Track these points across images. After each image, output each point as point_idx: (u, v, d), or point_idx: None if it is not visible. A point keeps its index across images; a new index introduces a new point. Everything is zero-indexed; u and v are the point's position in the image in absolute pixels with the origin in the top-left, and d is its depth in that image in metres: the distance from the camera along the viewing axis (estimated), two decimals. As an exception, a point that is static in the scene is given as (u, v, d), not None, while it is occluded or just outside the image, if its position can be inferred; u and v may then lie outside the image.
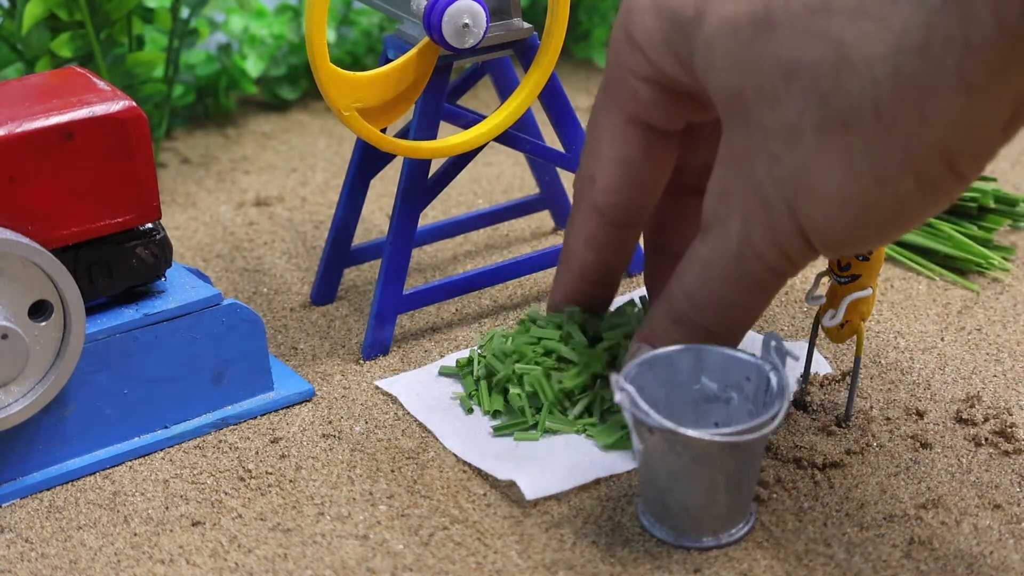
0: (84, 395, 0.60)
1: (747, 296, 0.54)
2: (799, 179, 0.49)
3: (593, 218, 0.59)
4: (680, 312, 0.55)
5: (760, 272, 0.52)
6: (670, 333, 0.55)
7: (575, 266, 0.61)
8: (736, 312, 0.54)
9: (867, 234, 0.50)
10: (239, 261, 0.80)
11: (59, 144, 0.57)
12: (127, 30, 0.87)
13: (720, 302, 0.54)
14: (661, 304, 0.56)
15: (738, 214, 0.51)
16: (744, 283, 0.53)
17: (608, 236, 0.60)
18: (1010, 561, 0.53)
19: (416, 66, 0.65)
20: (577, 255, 0.61)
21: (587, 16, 1.09)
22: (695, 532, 0.54)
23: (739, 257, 0.52)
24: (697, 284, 0.54)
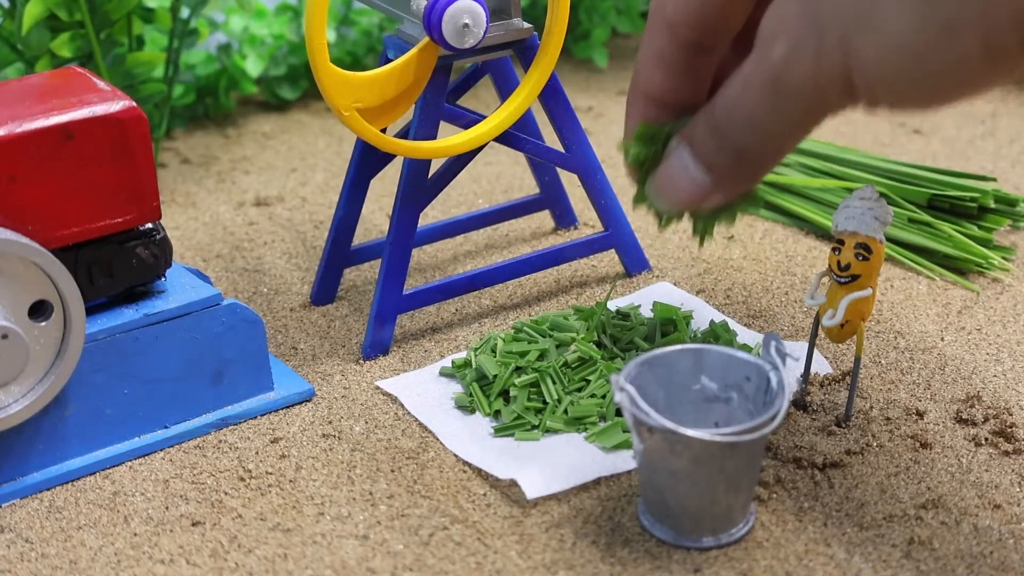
0: (84, 395, 0.60)
1: (779, 124, 0.51)
2: (864, 13, 0.46)
3: (663, 34, 0.55)
4: (717, 123, 0.52)
5: (793, 104, 0.50)
6: (705, 138, 0.53)
7: (641, 85, 0.57)
8: (766, 138, 0.52)
9: (916, 89, 0.47)
10: (239, 261, 0.80)
11: (59, 144, 0.57)
12: (127, 30, 0.87)
13: (753, 123, 0.51)
14: (707, 108, 0.53)
15: (786, 37, 0.48)
16: (777, 110, 0.50)
17: (678, 57, 0.55)
18: (1010, 561, 0.53)
19: (416, 66, 0.65)
20: (644, 74, 0.57)
21: (587, 16, 1.09)
22: (695, 532, 0.54)
23: (775, 83, 0.49)
24: (735, 99, 0.51)
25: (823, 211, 0.81)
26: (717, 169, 0.53)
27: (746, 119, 0.51)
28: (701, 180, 0.54)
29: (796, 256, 0.78)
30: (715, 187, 0.54)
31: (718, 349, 0.56)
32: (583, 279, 0.76)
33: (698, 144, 0.53)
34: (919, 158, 0.90)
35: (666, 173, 0.55)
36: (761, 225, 0.82)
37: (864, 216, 0.58)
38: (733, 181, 0.54)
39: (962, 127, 0.96)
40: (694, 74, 0.56)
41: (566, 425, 0.62)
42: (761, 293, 0.74)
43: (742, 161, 0.53)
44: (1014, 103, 1.00)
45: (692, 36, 0.55)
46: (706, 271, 0.76)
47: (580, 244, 0.74)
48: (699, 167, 0.54)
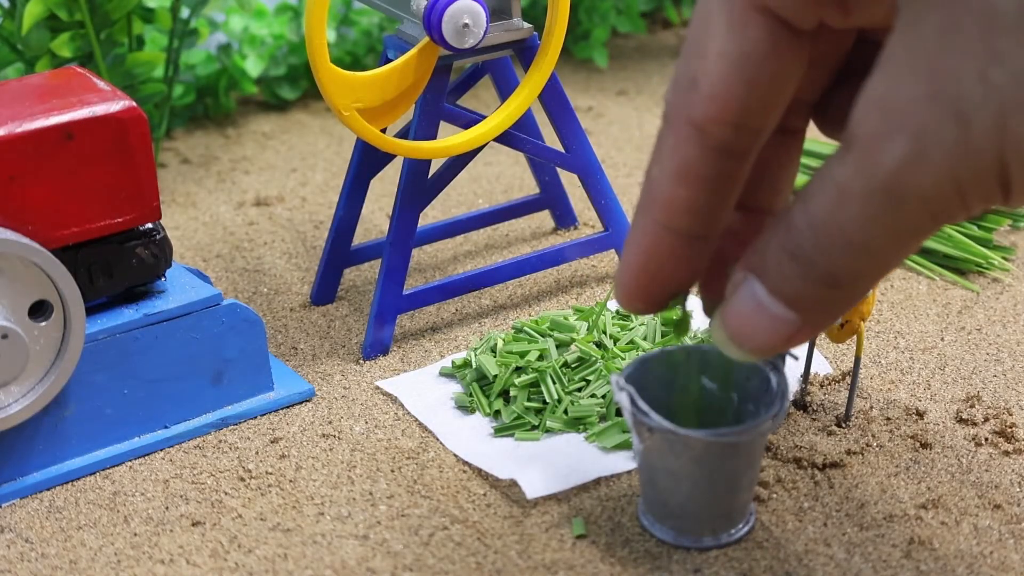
0: (84, 395, 0.60)
1: (891, 242, 0.40)
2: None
3: (691, 139, 0.43)
4: (800, 246, 0.41)
5: (917, 215, 0.39)
6: (783, 267, 0.42)
7: (660, 206, 0.44)
8: (871, 258, 0.41)
9: None
10: (239, 261, 0.80)
11: (59, 144, 0.57)
12: (127, 30, 0.87)
13: (853, 244, 0.40)
14: (778, 231, 0.42)
15: (908, 132, 0.38)
16: (890, 225, 0.39)
17: (710, 166, 0.43)
18: (1010, 561, 0.53)
19: (416, 66, 0.65)
20: (664, 191, 0.44)
21: (587, 16, 1.09)
22: (695, 532, 0.54)
23: (890, 192, 0.39)
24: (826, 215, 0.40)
25: (823, 211, 0.81)
26: (803, 302, 0.42)
27: (845, 239, 0.40)
28: (784, 317, 0.43)
29: (796, 256, 0.78)
30: (803, 323, 0.43)
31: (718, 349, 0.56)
32: (583, 279, 0.76)
33: (773, 275, 0.42)
34: (919, 158, 0.90)
35: (737, 316, 0.44)
36: (761, 225, 0.82)
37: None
38: (824, 314, 0.43)
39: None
40: (725, 189, 0.44)
41: (566, 425, 0.62)
42: (761, 293, 0.74)
43: (837, 288, 0.42)
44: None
45: (728, 137, 0.43)
46: (706, 271, 0.76)
47: (580, 244, 0.74)
48: (778, 302, 0.43)
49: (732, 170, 0.43)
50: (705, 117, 0.42)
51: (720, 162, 0.43)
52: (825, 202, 0.40)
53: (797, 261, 0.42)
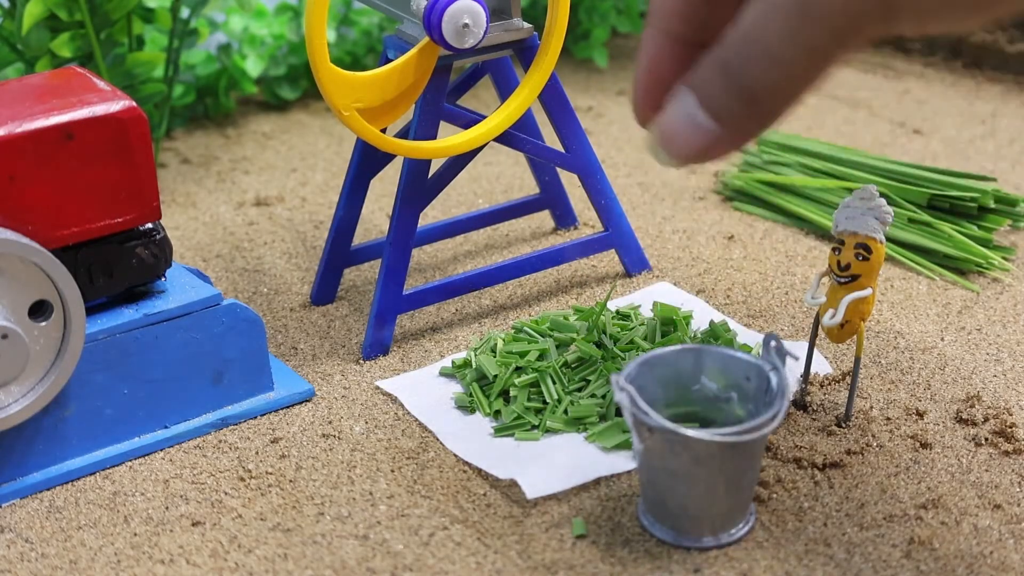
0: (84, 395, 0.60)
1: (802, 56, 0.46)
2: None
3: None
4: (729, 61, 0.47)
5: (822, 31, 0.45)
6: (714, 81, 0.48)
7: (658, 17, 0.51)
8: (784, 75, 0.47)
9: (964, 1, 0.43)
10: (239, 261, 0.80)
11: (59, 144, 0.57)
12: (127, 30, 0.87)
13: (771, 56, 0.46)
14: (714, 49, 0.48)
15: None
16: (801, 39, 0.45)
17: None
18: (1010, 561, 0.53)
19: (416, 66, 0.65)
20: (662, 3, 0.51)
21: (587, 16, 1.09)
22: (695, 532, 0.54)
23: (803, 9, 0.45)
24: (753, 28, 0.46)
25: (823, 211, 0.81)
26: (726, 115, 0.48)
27: (765, 52, 0.46)
28: (708, 127, 0.48)
29: (796, 256, 0.78)
30: (724, 135, 0.48)
31: (718, 349, 0.56)
32: (583, 279, 0.76)
33: (704, 88, 0.48)
34: (919, 158, 0.90)
35: (669, 124, 0.49)
36: (761, 225, 0.82)
37: (864, 216, 0.58)
38: (744, 127, 0.48)
39: (962, 127, 0.96)
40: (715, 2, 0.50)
41: (566, 425, 0.62)
42: (761, 293, 0.74)
43: (755, 103, 0.48)
44: (1014, 103, 1.00)
45: None
46: (706, 271, 0.76)
47: (580, 244, 0.74)
48: (705, 114, 0.48)
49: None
50: None
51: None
52: (753, 16, 0.46)
53: (725, 74, 0.47)
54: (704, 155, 0.49)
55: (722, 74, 0.47)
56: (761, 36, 0.46)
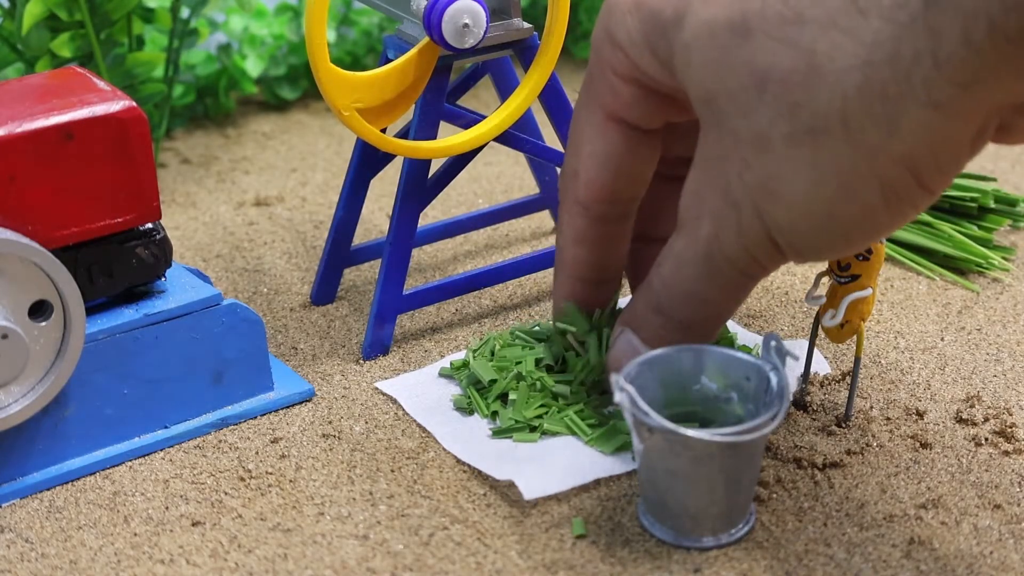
0: (84, 395, 0.60)
1: (719, 293, 0.54)
2: (767, 185, 0.50)
3: (579, 214, 0.59)
4: (659, 302, 0.55)
5: (729, 272, 0.53)
6: (650, 320, 0.56)
7: (568, 264, 0.60)
8: (709, 308, 0.55)
9: (833, 241, 0.51)
10: (239, 261, 0.80)
11: (59, 144, 0.57)
12: (127, 30, 0.87)
13: (693, 297, 0.54)
14: (643, 291, 0.56)
15: (708, 217, 0.52)
16: (715, 281, 0.53)
17: (596, 232, 0.59)
18: (1010, 561, 0.53)
19: (416, 66, 0.65)
20: (568, 253, 0.60)
21: (587, 16, 1.09)
22: (695, 532, 0.54)
23: (708, 258, 0.53)
24: (672, 277, 0.54)
25: (823, 211, 0.81)
26: (666, 344, 0.56)
27: (685, 294, 0.54)
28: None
29: (796, 256, 0.78)
30: None
31: (718, 349, 0.56)
32: (583, 279, 0.76)
33: (642, 326, 0.56)
34: (919, 158, 0.90)
35: (617, 359, 0.57)
36: (761, 225, 0.82)
37: (864, 216, 0.58)
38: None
39: (962, 127, 0.96)
40: (613, 243, 0.60)
41: (565, 429, 0.61)
42: (761, 293, 0.74)
43: (690, 331, 0.55)
44: (1014, 103, 1.00)
45: (605, 210, 0.58)
46: (706, 271, 0.76)
47: (580, 244, 0.74)
48: (647, 348, 0.56)
49: (614, 231, 0.59)
50: (585, 198, 0.58)
51: (603, 227, 0.59)
52: (670, 267, 0.54)
53: (658, 313, 0.55)
54: None
55: (655, 313, 0.55)
56: (679, 282, 0.54)
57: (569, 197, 0.59)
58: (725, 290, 0.54)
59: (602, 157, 0.57)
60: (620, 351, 0.57)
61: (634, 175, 0.58)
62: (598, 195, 0.58)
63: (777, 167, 0.49)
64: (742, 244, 0.51)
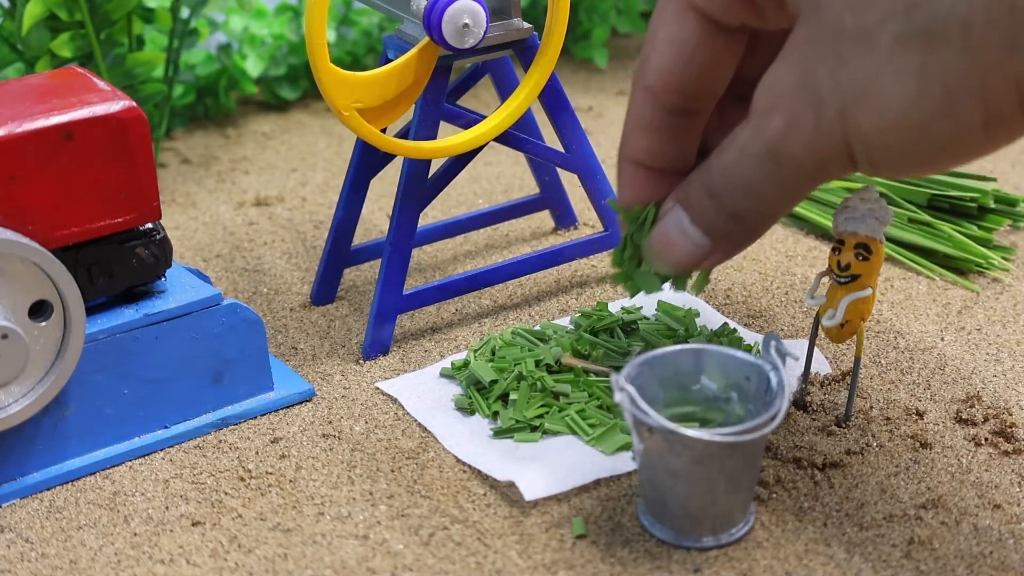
0: (84, 395, 0.60)
1: (777, 191, 0.51)
2: (862, 87, 0.47)
3: (646, 100, 0.55)
4: (715, 186, 0.53)
5: (791, 172, 0.50)
6: (703, 203, 0.53)
7: (628, 151, 0.57)
8: (763, 203, 0.52)
9: (916, 159, 0.48)
10: (239, 261, 0.80)
11: (59, 144, 0.57)
12: (127, 30, 0.87)
13: (750, 189, 0.52)
14: (701, 172, 0.54)
15: (784, 112, 0.49)
16: (774, 178, 0.51)
17: (661, 122, 0.55)
18: (1010, 561, 0.53)
19: (416, 66, 0.65)
20: (630, 138, 0.57)
21: (587, 16, 1.09)
22: (695, 532, 0.54)
23: (772, 153, 0.50)
24: (732, 166, 0.52)
25: (823, 211, 0.81)
26: (716, 231, 0.54)
27: (743, 185, 0.52)
28: (700, 242, 0.54)
29: (796, 256, 0.78)
30: (714, 248, 0.54)
31: (718, 349, 0.56)
32: (583, 279, 0.76)
33: (694, 207, 0.54)
34: (919, 158, 0.90)
35: (663, 235, 0.55)
36: (761, 225, 0.82)
37: (864, 216, 0.58)
38: (731, 243, 0.54)
39: (962, 127, 0.96)
40: (679, 138, 0.56)
41: (566, 429, 0.61)
42: (761, 293, 0.74)
43: (741, 223, 0.53)
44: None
45: (674, 101, 0.55)
46: (706, 271, 0.76)
47: (580, 244, 0.74)
48: (696, 229, 0.54)
49: (681, 125, 0.56)
50: (654, 85, 0.55)
51: (669, 119, 0.55)
52: (732, 155, 0.52)
53: (712, 197, 0.53)
54: (696, 265, 0.55)
55: (710, 197, 0.53)
56: (739, 172, 0.52)
57: (639, 82, 0.56)
58: (784, 188, 0.51)
59: (676, 44, 0.54)
60: (667, 229, 0.55)
61: (707, 71, 0.54)
62: (666, 83, 0.54)
63: (878, 69, 0.46)
64: (814, 146, 0.49)
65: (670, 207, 0.55)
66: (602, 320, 0.68)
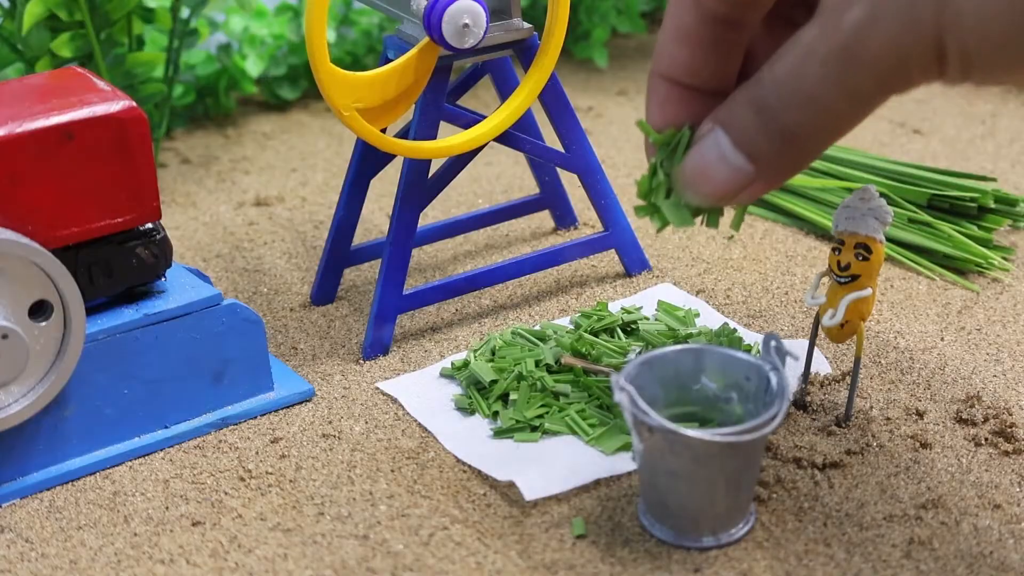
0: (84, 395, 0.60)
1: (844, 102, 0.44)
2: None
3: (687, 6, 0.49)
4: (765, 101, 0.46)
5: (866, 77, 0.43)
6: (748, 120, 0.46)
7: (662, 65, 0.50)
8: (824, 118, 0.45)
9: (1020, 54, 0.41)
10: (239, 261, 0.80)
11: (59, 144, 0.57)
12: (127, 30, 0.87)
13: (811, 100, 0.45)
14: (747, 87, 0.47)
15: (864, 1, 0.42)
16: (845, 85, 0.44)
17: (703, 31, 0.49)
18: (1010, 561, 0.53)
19: (416, 66, 0.65)
20: (665, 50, 0.50)
21: (587, 16, 1.09)
22: (695, 532, 0.54)
23: (847, 52, 0.43)
24: (791, 73, 0.45)
25: (823, 211, 0.81)
26: (761, 154, 0.46)
27: (805, 95, 0.44)
28: (742, 167, 0.47)
29: (796, 256, 0.78)
30: (758, 175, 0.47)
31: (718, 349, 0.56)
32: (583, 279, 0.76)
33: (737, 127, 0.47)
34: (919, 158, 0.90)
35: (698, 161, 0.48)
36: (761, 225, 0.82)
37: (864, 216, 0.58)
38: (779, 168, 0.47)
39: (962, 127, 0.96)
40: (723, 52, 0.49)
41: (567, 429, 0.61)
42: (761, 293, 0.74)
43: (792, 144, 0.46)
44: (1014, 103, 1.00)
45: (720, 8, 0.48)
46: (706, 271, 0.76)
47: (580, 244, 0.74)
48: (738, 153, 0.47)
49: (725, 36, 0.49)
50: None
51: (712, 28, 0.48)
52: (791, 61, 0.45)
53: (760, 114, 0.46)
54: (737, 194, 0.48)
55: (757, 114, 0.46)
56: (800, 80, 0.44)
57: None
58: (852, 99, 0.44)
59: None
60: (704, 153, 0.48)
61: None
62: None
63: None
64: (900, 42, 0.42)
65: (708, 128, 0.48)
66: (602, 320, 0.68)
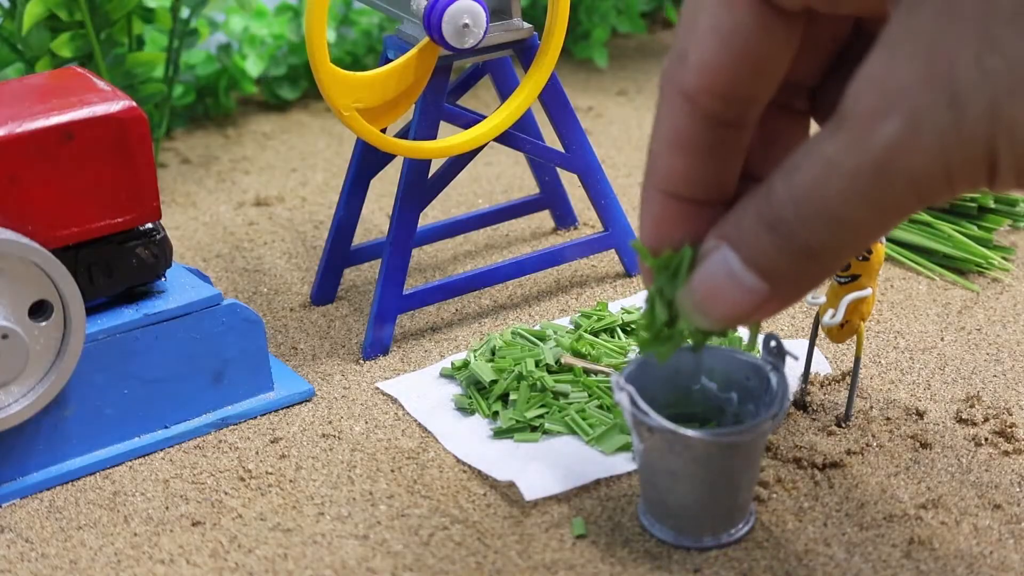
0: (84, 395, 0.60)
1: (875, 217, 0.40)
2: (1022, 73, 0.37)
3: (683, 109, 0.43)
4: (780, 217, 0.41)
5: (902, 193, 0.39)
6: (760, 238, 0.42)
7: (658, 177, 0.45)
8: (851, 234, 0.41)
9: None
10: (239, 261, 0.80)
11: (59, 144, 0.57)
12: (127, 30, 0.87)
13: (836, 218, 0.40)
14: (756, 201, 0.42)
15: (903, 112, 0.38)
16: (877, 202, 0.40)
17: (702, 136, 0.44)
18: (1010, 561, 0.53)
19: (416, 66, 0.65)
20: (661, 161, 0.45)
21: (587, 16, 1.09)
22: (695, 532, 0.54)
23: (881, 169, 0.39)
24: (812, 188, 0.40)
25: (823, 211, 0.81)
26: (777, 273, 0.42)
27: (829, 213, 0.40)
28: (755, 287, 0.43)
29: (796, 256, 0.78)
30: (773, 293, 0.43)
31: (718, 349, 0.56)
32: (583, 279, 0.76)
33: (748, 245, 0.43)
34: (919, 158, 0.90)
35: (707, 283, 0.44)
36: (761, 225, 0.82)
37: (864, 216, 0.58)
38: (798, 285, 0.43)
39: (962, 127, 0.96)
40: (723, 157, 0.45)
41: (566, 429, 0.61)
42: (761, 293, 0.74)
43: (814, 261, 0.42)
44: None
45: (718, 107, 0.43)
46: (706, 271, 0.76)
47: (580, 244, 0.74)
48: (749, 272, 0.43)
49: (725, 139, 0.44)
50: (694, 88, 0.43)
51: (711, 131, 0.44)
52: (811, 175, 0.40)
53: (774, 231, 0.42)
54: (751, 316, 0.44)
55: (771, 230, 0.42)
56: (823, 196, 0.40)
57: (672, 87, 0.44)
58: (884, 214, 0.40)
59: (725, 33, 0.42)
60: (712, 273, 0.44)
61: (761, 66, 0.43)
62: (712, 83, 0.42)
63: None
64: (946, 157, 0.38)
65: (713, 246, 0.44)
66: (602, 320, 0.68)
